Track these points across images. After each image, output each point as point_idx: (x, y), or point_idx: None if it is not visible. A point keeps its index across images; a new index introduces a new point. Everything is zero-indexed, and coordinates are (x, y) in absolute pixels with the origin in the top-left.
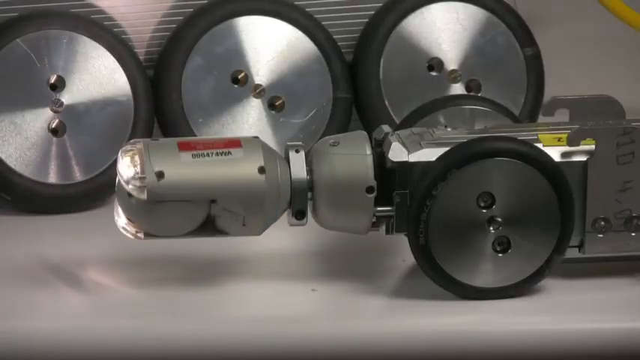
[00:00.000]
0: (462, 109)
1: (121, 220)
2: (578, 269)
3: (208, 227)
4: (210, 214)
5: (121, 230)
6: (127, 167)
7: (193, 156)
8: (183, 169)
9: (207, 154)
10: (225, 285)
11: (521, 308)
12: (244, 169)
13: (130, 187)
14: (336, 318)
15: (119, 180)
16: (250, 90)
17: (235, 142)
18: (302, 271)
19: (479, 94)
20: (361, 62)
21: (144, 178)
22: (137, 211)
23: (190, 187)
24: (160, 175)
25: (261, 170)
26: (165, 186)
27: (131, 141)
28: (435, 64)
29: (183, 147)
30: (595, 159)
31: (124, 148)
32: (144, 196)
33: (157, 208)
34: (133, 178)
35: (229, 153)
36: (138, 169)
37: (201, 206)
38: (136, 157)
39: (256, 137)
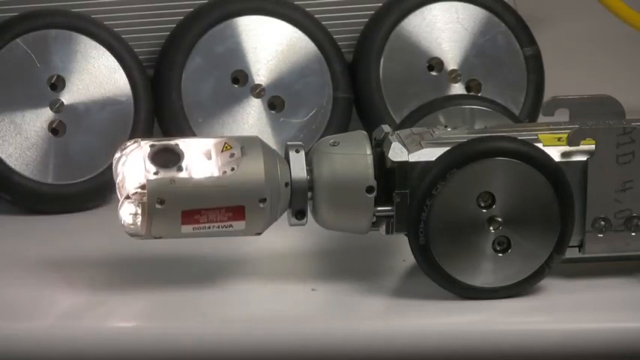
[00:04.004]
0: (462, 109)
1: (123, 219)
2: (578, 269)
3: None
4: None
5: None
6: (128, 215)
7: (194, 229)
8: (181, 236)
9: (209, 228)
10: (225, 285)
11: (521, 308)
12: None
13: (124, 229)
14: (336, 318)
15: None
16: (250, 90)
17: (239, 213)
18: (302, 271)
19: (479, 94)
20: (361, 62)
21: (142, 236)
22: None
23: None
24: (158, 236)
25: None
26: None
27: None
28: (435, 64)
29: (187, 220)
30: (595, 159)
31: (131, 192)
32: (137, 237)
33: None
34: (133, 231)
35: (230, 226)
36: (138, 225)
37: None
38: (139, 215)
39: (257, 138)
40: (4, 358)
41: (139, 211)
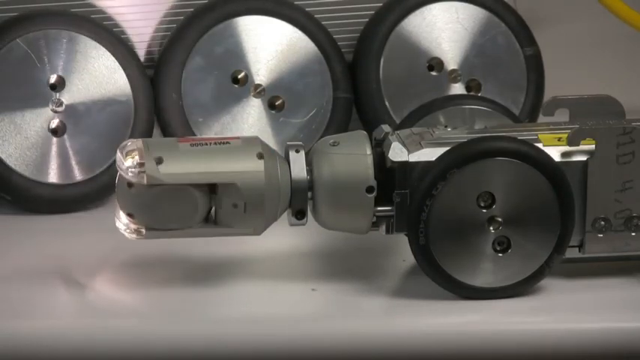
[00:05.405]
0: (462, 109)
1: (121, 222)
2: (578, 269)
3: (209, 223)
4: (211, 207)
5: (123, 233)
6: (126, 158)
7: (192, 145)
8: (182, 155)
9: (206, 144)
10: (225, 285)
11: (521, 308)
12: (243, 154)
13: (129, 175)
14: (336, 318)
15: (119, 174)
16: (250, 90)
17: (234, 138)
18: (302, 271)
19: (479, 94)
20: (361, 62)
21: (143, 164)
22: (138, 202)
23: (189, 171)
24: (159, 160)
25: (260, 156)
26: (164, 170)
27: (129, 140)
28: (435, 64)
29: (182, 140)
30: (595, 159)
31: (122, 145)
32: (144, 181)
33: (158, 196)
34: (132, 165)
35: (228, 142)
36: (137, 157)
37: (202, 195)
38: (135, 151)
39: (257, 138)
40: (4, 358)
41: (136, 152)
